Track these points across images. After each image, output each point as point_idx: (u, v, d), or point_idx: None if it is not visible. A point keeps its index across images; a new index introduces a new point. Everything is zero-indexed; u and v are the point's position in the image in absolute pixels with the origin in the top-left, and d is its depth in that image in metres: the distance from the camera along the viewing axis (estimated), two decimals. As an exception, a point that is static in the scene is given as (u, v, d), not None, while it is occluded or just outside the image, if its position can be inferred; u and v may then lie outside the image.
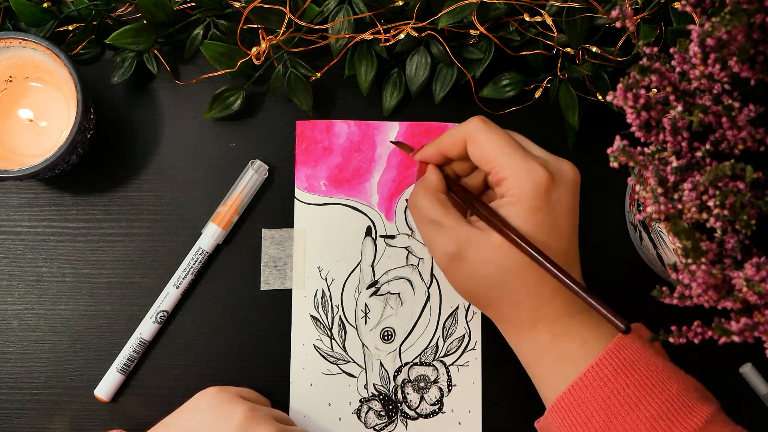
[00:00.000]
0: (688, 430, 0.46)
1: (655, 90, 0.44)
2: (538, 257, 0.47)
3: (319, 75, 0.57)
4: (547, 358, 0.50)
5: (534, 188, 0.48)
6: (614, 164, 0.40)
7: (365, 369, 0.58)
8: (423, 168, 0.54)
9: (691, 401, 0.47)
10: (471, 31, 0.55)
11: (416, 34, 0.55)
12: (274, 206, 0.59)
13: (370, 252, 0.59)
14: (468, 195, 0.52)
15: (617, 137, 0.40)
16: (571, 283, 0.47)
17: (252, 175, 0.58)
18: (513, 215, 0.49)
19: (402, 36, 0.55)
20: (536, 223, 0.48)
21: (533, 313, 0.50)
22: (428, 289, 0.59)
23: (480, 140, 0.50)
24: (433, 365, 0.58)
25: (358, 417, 0.58)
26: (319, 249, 0.58)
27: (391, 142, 0.59)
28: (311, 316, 0.58)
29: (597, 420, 0.47)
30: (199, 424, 0.51)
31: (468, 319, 0.59)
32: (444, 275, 0.53)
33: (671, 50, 0.40)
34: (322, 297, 0.58)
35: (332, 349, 0.58)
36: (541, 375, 0.51)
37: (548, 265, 0.47)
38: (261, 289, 0.58)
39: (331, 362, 0.58)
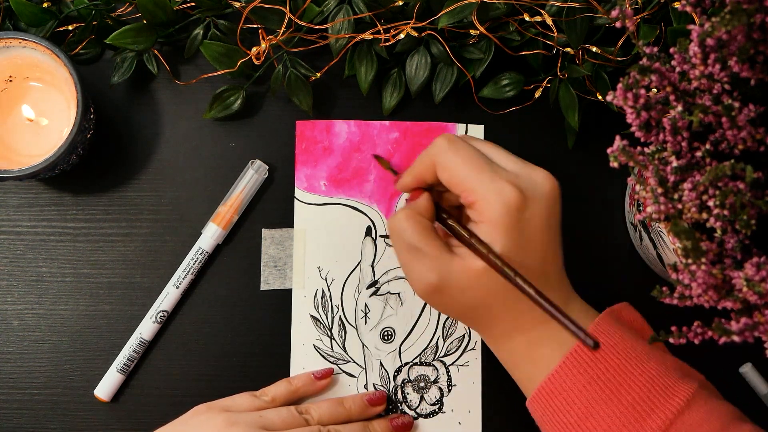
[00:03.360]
0: (669, 411, 0.46)
1: (655, 90, 0.44)
2: (519, 282, 0.46)
3: (319, 75, 0.57)
4: (524, 363, 0.50)
5: (505, 209, 0.47)
6: (614, 164, 0.40)
7: (365, 369, 0.58)
8: (416, 194, 0.52)
9: (672, 380, 0.47)
10: (471, 31, 0.55)
11: (416, 34, 0.55)
12: (274, 206, 0.59)
13: (370, 252, 0.59)
14: (450, 217, 0.51)
15: (617, 137, 0.40)
16: (547, 305, 0.45)
17: (252, 175, 0.58)
18: (487, 239, 0.48)
19: (402, 36, 0.55)
20: (511, 243, 0.47)
21: (510, 325, 0.50)
22: (428, 289, 0.59)
23: (446, 163, 0.49)
24: (433, 365, 0.58)
25: (358, 417, 0.58)
26: (319, 249, 0.58)
27: (373, 155, 0.58)
28: (311, 316, 0.58)
29: (578, 407, 0.47)
30: None
31: (468, 319, 0.59)
32: (420, 298, 0.52)
33: (671, 50, 0.40)
34: (322, 297, 0.58)
35: (332, 349, 0.58)
36: (520, 378, 0.51)
37: (528, 290, 0.46)
38: (261, 289, 0.58)
39: (331, 362, 0.58)
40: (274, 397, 0.55)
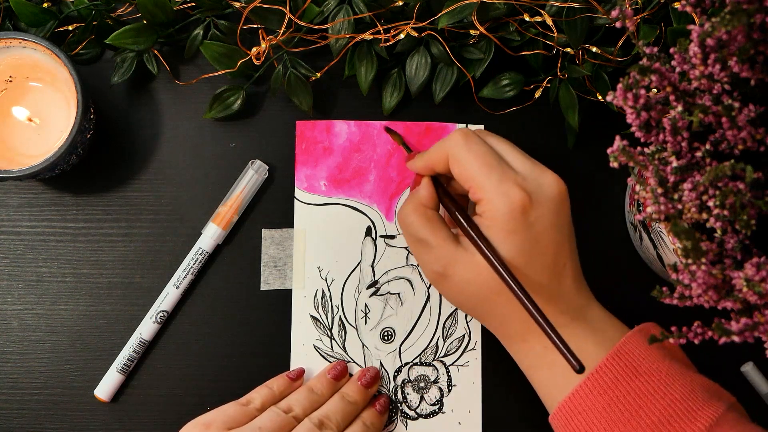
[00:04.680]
0: None
1: (655, 90, 0.44)
2: (510, 282, 0.46)
3: (319, 75, 0.57)
4: (542, 367, 0.50)
5: (509, 211, 0.48)
6: (614, 164, 0.40)
7: (365, 369, 0.58)
8: (419, 178, 0.54)
9: (696, 404, 0.46)
10: (471, 31, 0.55)
11: (416, 34, 0.55)
12: (274, 206, 0.59)
13: (370, 252, 0.59)
14: (456, 210, 0.51)
15: (617, 137, 0.40)
16: (537, 316, 0.45)
17: (252, 175, 0.58)
18: (490, 237, 0.48)
19: (402, 36, 0.55)
20: (513, 245, 0.48)
21: (522, 326, 0.50)
22: (428, 289, 0.59)
23: (459, 157, 0.50)
24: (433, 365, 0.58)
25: (358, 417, 0.58)
26: (319, 249, 0.58)
27: (385, 129, 0.59)
28: (311, 316, 0.58)
29: (598, 428, 0.47)
30: None
31: (468, 319, 0.59)
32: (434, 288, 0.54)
33: (671, 50, 0.40)
34: (322, 297, 0.58)
35: (332, 349, 0.58)
36: (538, 383, 0.51)
37: (518, 292, 0.46)
38: (261, 289, 0.58)
39: (331, 362, 0.58)
40: (263, 404, 0.54)
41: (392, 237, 0.59)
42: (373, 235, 0.59)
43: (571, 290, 0.50)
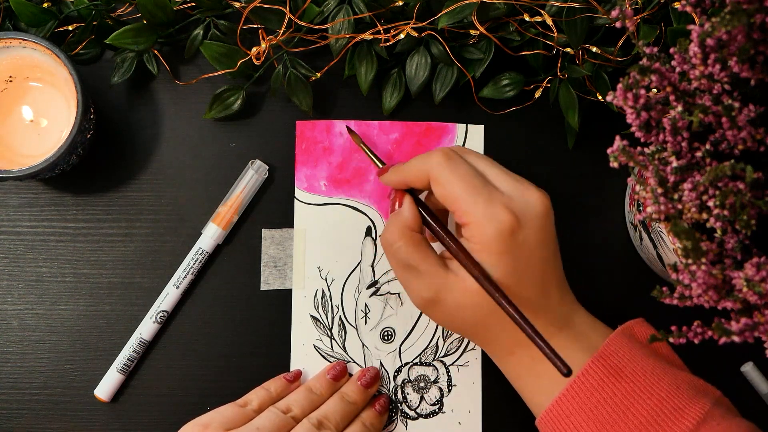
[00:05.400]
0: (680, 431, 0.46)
1: (655, 90, 0.44)
2: (501, 301, 0.46)
3: (319, 75, 0.57)
4: (528, 376, 0.50)
5: (498, 234, 0.47)
6: (614, 164, 0.40)
7: (365, 369, 0.58)
8: (399, 196, 0.52)
9: (682, 402, 0.46)
10: (471, 31, 0.55)
11: (416, 34, 0.55)
12: (274, 206, 0.59)
13: (370, 252, 0.59)
14: (444, 233, 0.50)
15: (617, 137, 0.40)
16: (528, 329, 0.45)
17: (252, 175, 0.58)
18: (480, 260, 0.48)
19: (402, 36, 0.55)
20: (504, 266, 0.47)
21: (511, 340, 0.50)
22: (428, 289, 0.59)
23: (442, 179, 0.48)
24: (433, 365, 0.58)
25: (358, 417, 0.58)
26: (319, 249, 0.58)
27: (347, 128, 0.58)
28: (311, 316, 0.58)
29: (587, 430, 0.47)
30: None
31: (468, 319, 0.59)
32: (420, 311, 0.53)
33: (671, 50, 0.40)
34: (322, 297, 0.58)
35: (332, 349, 0.58)
36: (525, 392, 0.51)
37: (510, 310, 0.46)
38: (261, 289, 0.58)
39: (331, 362, 0.58)
40: (260, 405, 0.54)
41: (392, 237, 0.59)
42: (373, 235, 0.59)
43: (557, 300, 0.50)
